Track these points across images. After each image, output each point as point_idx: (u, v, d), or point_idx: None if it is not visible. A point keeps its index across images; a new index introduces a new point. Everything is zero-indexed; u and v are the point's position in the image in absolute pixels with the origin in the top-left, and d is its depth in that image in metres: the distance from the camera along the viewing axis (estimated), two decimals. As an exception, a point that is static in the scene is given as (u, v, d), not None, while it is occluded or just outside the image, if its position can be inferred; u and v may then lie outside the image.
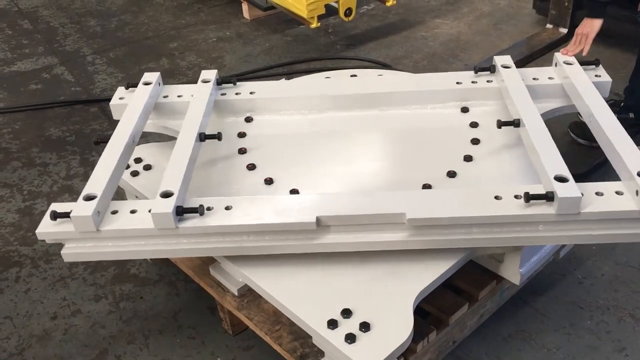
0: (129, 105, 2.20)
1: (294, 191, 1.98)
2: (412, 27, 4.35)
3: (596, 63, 2.34)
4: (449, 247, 1.81)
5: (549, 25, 4.00)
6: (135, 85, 2.31)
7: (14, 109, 3.59)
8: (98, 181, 1.84)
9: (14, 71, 4.03)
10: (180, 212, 1.73)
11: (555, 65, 2.36)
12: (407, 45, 4.12)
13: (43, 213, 2.77)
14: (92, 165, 3.05)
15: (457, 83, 2.35)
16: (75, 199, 2.91)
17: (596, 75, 2.29)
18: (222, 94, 2.33)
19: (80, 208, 1.73)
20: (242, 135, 2.24)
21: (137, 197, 2.18)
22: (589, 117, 2.08)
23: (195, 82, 2.37)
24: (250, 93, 2.34)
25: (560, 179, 1.74)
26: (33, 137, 3.33)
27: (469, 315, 2.01)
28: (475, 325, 2.09)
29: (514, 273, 1.96)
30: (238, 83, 2.38)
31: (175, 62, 4.02)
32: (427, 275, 1.79)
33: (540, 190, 1.74)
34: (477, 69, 2.37)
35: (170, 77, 3.85)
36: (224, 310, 2.10)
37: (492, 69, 2.36)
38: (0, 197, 2.90)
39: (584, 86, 2.21)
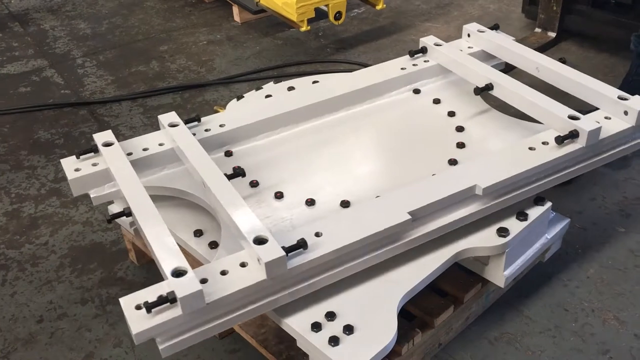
0: (118, 172, 1.93)
1: (345, 203, 1.98)
2: (402, 31, 4.36)
3: (496, 27, 2.68)
4: (516, 201, 1.97)
5: (537, 29, 4.03)
6: (86, 152, 2.04)
7: (3, 111, 3.57)
8: (172, 254, 1.60)
9: (4, 74, 4.02)
10: (287, 252, 1.59)
11: (469, 36, 2.62)
12: (397, 48, 4.13)
13: (30, 216, 2.77)
14: (81, 168, 3.07)
15: (402, 69, 2.51)
16: (64, 203, 2.94)
17: None
18: (192, 134, 2.13)
19: (184, 286, 1.48)
20: (237, 169, 2.09)
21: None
22: (535, 68, 2.39)
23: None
24: (220, 126, 2.22)
25: (574, 117, 2.04)
26: (21, 140, 3.32)
27: (454, 318, 2.02)
28: (461, 328, 2.10)
29: (498, 276, 1.97)
30: (202, 119, 2.24)
31: (165, 65, 4.02)
32: (411, 277, 1.80)
33: (559, 133, 2.02)
34: (412, 53, 2.57)
35: (160, 80, 3.85)
36: (210, 313, 2.10)
37: (424, 49, 2.58)
38: (-13, 200, 2.89)
39: (511, 45, 2.53)
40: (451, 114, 2.41)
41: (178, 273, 1.53)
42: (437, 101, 2.48)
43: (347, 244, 1.68)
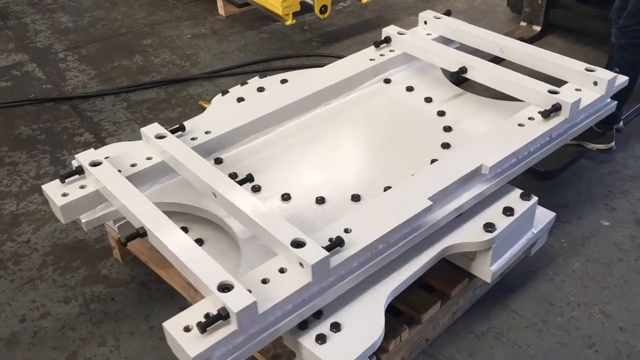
0: (120, 192, 1.80)
1: (355, 197, 1.98)
2: (388, 24, 4.28)
3: (449, 13, 2.76)
4: (519, 173, 2.08)
5: (522, 23, 4.03)
6: (71, 175, 1.91)
7: (-17, 106, 3.51)
8: (211, 268, 1.54)
9: (-17, 68, 3.95)
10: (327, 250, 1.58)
11: (425, 23, 2.71)
12: (382, 42, 4.11)
13: (12, 213, 2.72)
14: (63, 165, 3.03)
15: (371, 60, 2.55)
16: (46, 199, 2.85)
17: None
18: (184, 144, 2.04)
19: (237, 300, 1.43)
20: (234, 175, 2.08)
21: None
22: (499, 49, 2.48)
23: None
24: (206, 133, 2.14)
25: (554, 92, 2.15)
26: (2, 136, 3.26)
27: (441, 313, 2.01)
28: (448, 323, 2.10)
29: (485, 271, 1.97)
30: (186, 127, 2.15)
31: (149, 59, 3.97)
32: (398, 274, 1.79)
33: (540, 108, 2.14)
34: (377, 43, 2.61)
35: (144, 74, 3.80)
36: (196, 311, 2.07)
37: (387, 39, 2.62)
38: (-33, 197, 2.84)
39: (471, 28, 2.61)
40: (428, 99, 2.46)
41: (224, 287, 1.47)
42: (410, 89, 2.52)
43: (380, 237, 1.67)
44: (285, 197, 2.00)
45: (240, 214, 1.73)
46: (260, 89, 2.49)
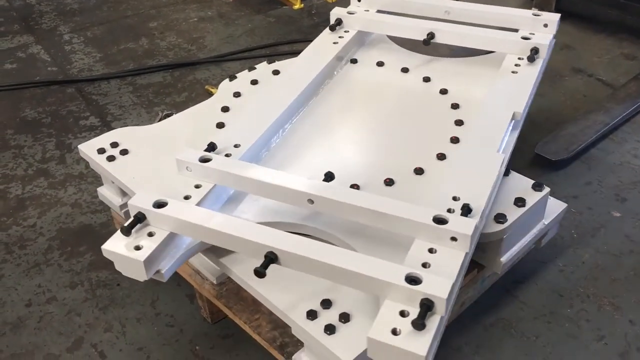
0: (219, 225, 1.62)
1: (418, 170, 1.95)
2: (397, 9, 4.29)
3: None
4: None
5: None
6: (134, 225, 1.65)
7: (-12, 89, 3.49)
8: (391, 268, 1.48)
9: (-12, 50, 3.92)
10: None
11: (359, 0, 2.70)
12: (391, 27, 4.06)
13: (18, 197, 2.71)
14: (68, 148, 3.01)
15: (334, 43, 2.56)
16: (51, 183, 2.87)
17: None
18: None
19: (439, 287, 1.39)
20: (328, 173, 1.97)
21: (113, 182, 2.12)
22: (444, 12, 2.56)
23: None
24: (236, 147, 1.97)
25: (526, 38, 2.34)
26: (7, 119, 3.25)
27: (450, 304, 2.00)
28: (456, 314, 2.08)
29: (495, 262, 1.95)
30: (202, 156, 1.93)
31: (154, 43, 3.94)
32: (408, 264, 1.77)
33: (520, 53, 2.31)
34: (331, 27, 2.63)
35: (149, 57, 3.77)
36: (203, 298, 2.07)
37: (338, 21, 2.62)
38: (-27, 180, 2.82)
39: None
40: (404, 70, 2.46)
41: (411, 279, 1.43)
42: (380, 64, 2.51)
43: (488, 196, 1.70)
44: (356, 188, 1.95)
45: (355, 211, 1.66)
46: (237, 95, 2.40)
